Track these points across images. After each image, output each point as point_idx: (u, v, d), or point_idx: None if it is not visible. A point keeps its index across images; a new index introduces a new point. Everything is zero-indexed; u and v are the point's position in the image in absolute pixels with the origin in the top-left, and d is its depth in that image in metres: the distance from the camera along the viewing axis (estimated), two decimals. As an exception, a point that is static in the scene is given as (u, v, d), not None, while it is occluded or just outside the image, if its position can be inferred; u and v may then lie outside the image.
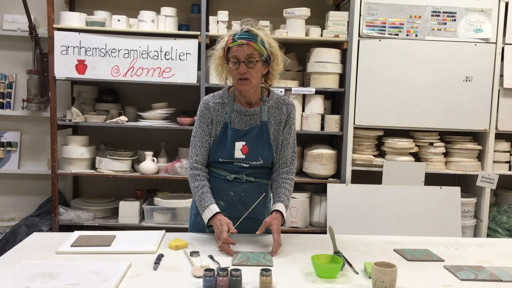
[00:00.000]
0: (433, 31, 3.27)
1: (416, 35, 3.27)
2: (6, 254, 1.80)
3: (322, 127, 3.40)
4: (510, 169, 3.48)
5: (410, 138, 3.43)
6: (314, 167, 3.34)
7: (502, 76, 3.32)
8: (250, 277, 1.58)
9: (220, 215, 1.92)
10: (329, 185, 3.32)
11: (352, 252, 1.91)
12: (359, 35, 3.26)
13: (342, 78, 3.39)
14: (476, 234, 3.46)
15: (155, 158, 3.39)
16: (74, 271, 1.60)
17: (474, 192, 3.49)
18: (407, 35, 3.27)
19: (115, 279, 1.54)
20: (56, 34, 3.23)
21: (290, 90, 3.32)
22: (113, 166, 3.35)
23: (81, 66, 3.26)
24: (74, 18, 3.26)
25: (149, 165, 3.32)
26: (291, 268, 1.72)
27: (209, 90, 3.07)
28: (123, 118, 3.35)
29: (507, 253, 1.99)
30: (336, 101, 3.66)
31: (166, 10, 3.30)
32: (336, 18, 3.31)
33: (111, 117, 3.44)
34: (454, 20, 3.27)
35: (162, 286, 1.55)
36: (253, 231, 1.98)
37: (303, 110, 3.41)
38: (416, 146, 3.42)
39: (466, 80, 3.31)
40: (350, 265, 1.75)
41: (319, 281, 1.61)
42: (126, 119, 3.36)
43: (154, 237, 2.00)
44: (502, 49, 3.30)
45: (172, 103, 3.57)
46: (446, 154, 3.47)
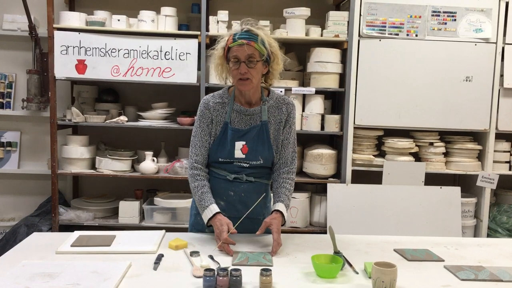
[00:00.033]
0: (433, 31, 3.27)
1: (416, 35, 3.27)
2: (6, 254, 1.80)
3: (322, 127, 3.40)
4: (510, 169, 3.48)
5: (410, 138, 3.43)
6: (314, 167, 3.34)
7: (502, 76, 3.32)
8: (250, 277, 1.58)
9: (220, 215, 1.92)
10: (329, 185, 3.32)
11: (352, 252, 1.91)
12: (359, 35, 3.26)
13: (342, 78, 3.39)
14: (476, 234, 3.46)
15: (155, 158, 3.39)
16: (74, 271, 1.60)
17: (474, 192, 3.49)
18: (407, 35, 3.27)
19: (115, 279, 1.54)
20: (56, 34, 3.23)
21: (290, 90, 3.32)
22: (113, 166, 3.35)
23: (81, 66, 3.26)
24: (74, 18, 3.26)
25: (149, 165, 3.32)
26: (291, 268, 1.72)
27: (209, 90, 3.07)
28: (123, 118, 3.35)
29: (507, 253, 1.99)
30: (336, 101, 3.66)
31: (166, 10, 3.30)
32: (336, 18, 3.31)
33: (111, 117, 3.44)
34: (454, 20, 3.27)
35: (162, 286, 1.55)
36: (253, 231, 1.98)
37: (303, 110, 3.41)
38: (416, 146, 3.42)
39: (466, 80, 3.31)
40: (350, 265, 1.75)
41: (319, 281, 1.61)
42: (126, 119, 3.36)
43: (154, 237, 2.01)
44: (502, 49, 3.30)
45: (172, 103, 3.57)
46: (446, 154, 3.47)
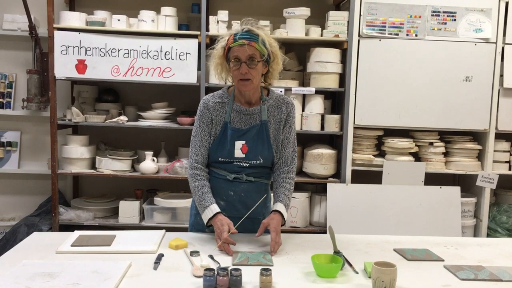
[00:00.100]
0: (433, 31, 3.27)
1: (416, 35, 3.27)
2: (6, 253, 1.80)
3: (322, 127, 3.40)
4: (510, 169, 3.48)
5: (410, 138, 3.43)
6: (314, 167, 3.34)
7: (502, 76, 3.32)
8: (250, 276, 1.58)
9: (220, 215, 1.93)
10: (329, 185, 3.32)
11: (352, 251, 1.91)
12: (359, 35, 3.26)
13: (342, 78, 3.39)
14: (476, 234, 3.46)
15: (155, 158, 3.39)
16: (74, 271, 1.60)
17: (474, 192, 3.49)
18: (407, 35, 3.27)
19: (115, 279, 1.54)
20: (56, 33, 3.23)
21: (290, 90, 3.32)
22: (113, 166, 3.35)
23: (81, 65, 3.26)
24: (74, 18, 3.26)
25: (149, 165, 3.32)
26: (291, 267, 1.72)
27: (209, 90, 3.07)
28: (123, 118, 3.35)
29: (507, 252, 1.99)
30: (336, 101, 3.66)
31: (166, 10, 3.30)
32: (336, 18, 3.31)
33: (111, 117, 3.44)
34: (454, 20, 3.27)
35: (162, 286, 1.55)
36: (253, 231, 1.98)
37: (303, 110, 3.42)
38: (416, 146, 3.42)
39: (466, 80, 3.31)
40: (350, 264, 1.75)
41: (319, 280, 1.62)
42: (126, 119, 3.36)
43: (154, 236, 2.01)
44: (502, 49, 3.30)
45: (172, 103, 3.57)
46: (446, 154, 3.47)
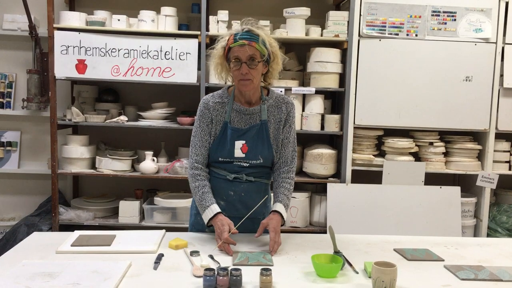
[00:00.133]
0: (433, 31, 3.27)
1: (416, 35, 3.27)
2: (6, 253, 1.80)
3: (322, 127, 3.40)
4: (510, 168, 3.48)
5: (410, 138, 3.43)
6: (314, 167, 3.34)
7: (502, 76, 3.32)
8: (250, 276, 1.58)
9: (221, 215, 1.93)
10: (329, 184, 3.32)
11: (352, 251, 1.91)
12: (359, 35, 3.26)
13: (342, 78, 3.39)
14: (476, 234, 3.46)
15: (155, 158, 3.39)
16: (74, 271, 1.60)
17: (474, 192, 3.49)
18: (407, 35, 3.27)
19: (115, 279, 1.54)
20: (56, 33, 3.23)
21: (290, 90, 3.32)
22: (113, 165, 3.35)
23: (81, 65, 3.26)
24: (74, 18, 3.26)
25: (149, 164, 3.32)
26: (291, 267, 1.72)
27: (209, 90, 3.07)
28: (123, 117, 3.35)
29: (507, 252, 1.99)
30: (336, 101, 3.66)
31: (166, 10, 3.30)
32: (336, 18, 3.31)
33: (111, 116, 3.44)
34: (454, 20, 3.27)
35: (162, 286, 1.55)
36: (253, 231, 1.98)
37: (303, 110, 3.41)
38: (416, 146, 3.42)
39: (466, 80, 3.31)
40: (350, 264, 1.75)
41: (319, 280, 1.62)
42: (126, 119, 3.36)
43: (154, 236, 2.01)
44: (502, 48, 3.30)
45: (172, 103, 3.57)
46: (446, 154, 3.47)
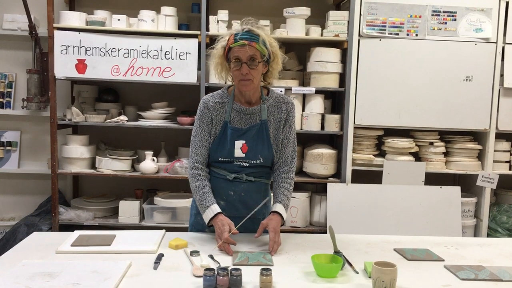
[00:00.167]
0: (433, 31, 3.27)
1: (416, 35, 3.27)
2: (6, 253, 1.80)
3: (322, 127, 3.40)
4: (510, 168, 3.48)
5: (410, 138, 3.43)
6: (314, 167, 3.34)
7: (502, 75, 3.32)
8: (250, 276, 1.58)
9: (221, 215, 1.93)
10: (329, 184, 3.31)
11: (352, 251, 1.91)
12: (359, 35, 3.26)
13: (342, 78, 3.39)
14: (476, 234, 3.46)
15: (155, 158, 3.39)
16: (74, 271, 1.60)
17: (474, 191, 3.49)
18: (408, 35, 3.27)
19: (115, 279, 1.54)
20: (56, 33, 3.23)
21: (290, 89, 3.32)
22: (113, 165, 3.35)
23: (81, 65, 3.26)
24: (74, 18, 3.26)
25: (149, 164, 3.32)
26: (291, 267, 1.72)
27: (209, 90, 3.07)
28: (123, 117, 3.35)
29: (507, 252, 1.99)
30: (336, 100, 3.66)
31: (166, 10, 3.30)
32: (336, 18, 3.31)
33: (111, 116, 3.44)
34: (455, 19, 3.27)
35: (162, 286, 1.55)
36: (253, 231, 1.98)
37: (303, 110, 3.41)
38: (416, 145, 3.42)
39: (466, 79, 3.31)
40: (350, 264, 1.75)
41: (319, 280, 1.61)
42: (126, 119, 3.36)
43: (154, 236, 2.00)
44: (503, 48, 3.30)
45: (172, 103, 3.57)
46: (446, 154, 3.47)
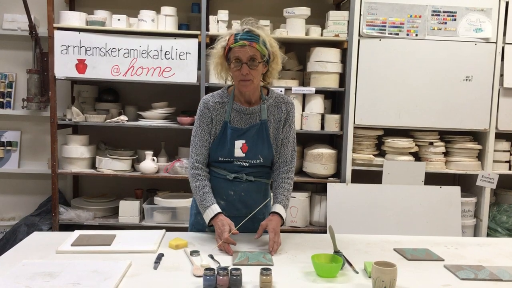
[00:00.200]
0: (433, 31, 3.27)
1: (416, 35, 3.27)
2: (6, 253, 1.80)
3: (322, 127, 3.40)
4: (510, 168, 3.48)
5: (410, 138, 3.43)
6: (314, 167, 3.34)
7: (502, 75, 3.32)
8: (250, 276, 1.58)
9: (222, 215, 1.93)
10: (329, 184, 3.32)
11: (352, 251, 1.91)
12: (359, 35, 3.26)
13: (342, 78, 3.39)
14: (476, 234, 3.46)
15: (155, 158, 3.39)
16: (74, 270, 1.60)
17: (474, 191, 3.49)
18: (407, 35, 3.27)
19: (115, 278, 1.54)
20: (56, 33, 3.23)
21: (290, 89, 3.32)
22: (113, 165, 3.35)
23: (81, 65, 3.26)
24: (74, 18, 3.26)
25: (149, 164, 3.32)
26: (291, 267, 1.72)
27: (209, 90, 3.07)
28: (123, 117, 3.35)
29: (507, 252, 1.99)
30: (336, 100, 3.66)
31: (166, 10, 3.30)
32: (336, 18, 3.31)
33: (111, 116, 3.44)
34: (455, 19, 3.27)
35: (162, 285, 1.55)
36: (253, 231, 1.98)
37: (303, 110, 3.41)
38: (416, 145, 3.42)
39: (466, 79, 3.31)
40: (350, 264, 1.75)
41: (319, 280, 1.62)
42: (126, 119, 3.36)
43: (154, 236, 2.01)
44: (502, 48, 3.30)
45: (172, 103, 3.57)
46: (446, 154, 3.47)
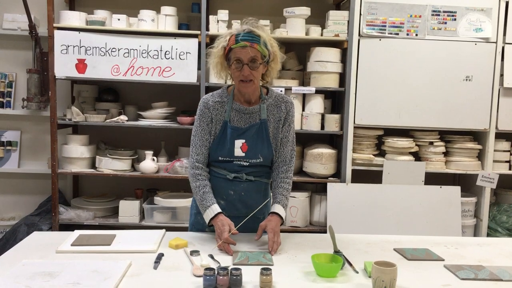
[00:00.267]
0: (433, 31, 3.27)
1: (416, 35, 3.27)
2: (6, 253, 1.80)
3: (322, 127, 3.40)
4: (510, 168, 3.48)
5: (410, 138, 3.42)
6: (314, 167, 3.34)
7: (502, 75, 3.32)
8: (251, 276, 1.58)
9: (222, 215, 1.93)
10: (329, 184, 3.32)
11: (352, 251, 1.91)
12: (359, 35, 3.26)
13: (342, 78, 3.39)
14: (476, 234, 3.46)
15: (155, 157, 3.39)
16: (74, 270, 1.60)
17: (474, 191, 3.49)
18: (407, 35, 3.27)
19: (115, 278, 1.54)
20: (56, 33, 3.23)
21: (290, 89, 3.32)
22: (113, 165, 3.35)
23: (81, 65, 3.26)
24: (74, 17, 3.26)
25: (149, 164, 3.32)
26: (291, 267, 1.72)
27: (209, 89, 3.07)
28: (123, 117, 3.35)
29: (507, 252, 1.99)
30: (336, 100, 3.66)
31: (166, 9, 3.30)
32: (336, 18, 3.31)
33: (111, 116, 3.44)
34: (455, 19, 3.27)
35: (162, 285, 1.55)
36: (253, 230, 1.98)
37: (303, 110, 3.41)
38: (416, 145, 3.42)
39: (466, 79, 3.31)
40: (350, 264, 1.75)
41: (319, 280, 1.62)
42: (126, 119, 3.36)
43: (154, 236, 2.01)
44: (502, 48, 3.30)
45: (172, 103, 3.57)
46: (446, 154, 3.47)
